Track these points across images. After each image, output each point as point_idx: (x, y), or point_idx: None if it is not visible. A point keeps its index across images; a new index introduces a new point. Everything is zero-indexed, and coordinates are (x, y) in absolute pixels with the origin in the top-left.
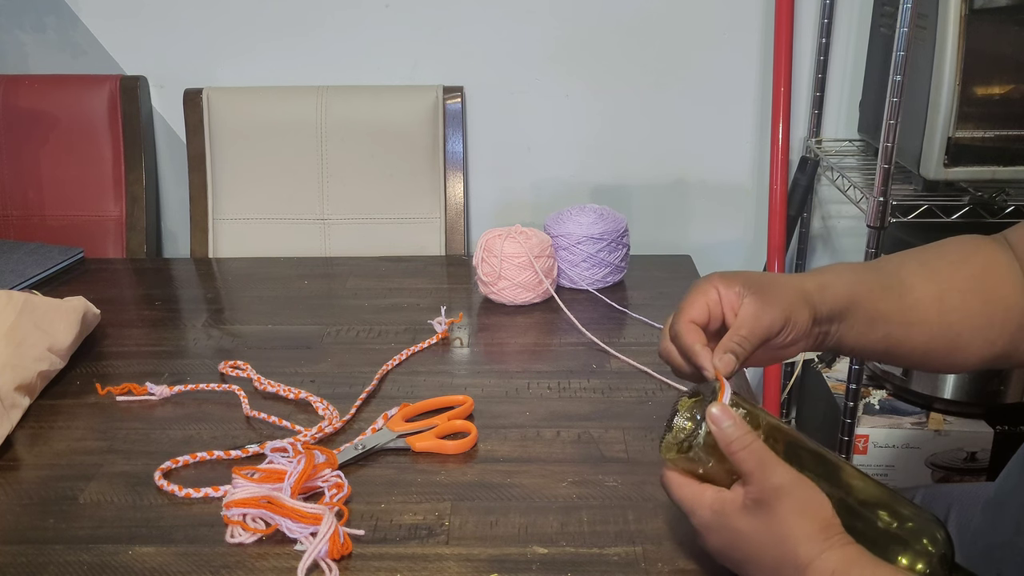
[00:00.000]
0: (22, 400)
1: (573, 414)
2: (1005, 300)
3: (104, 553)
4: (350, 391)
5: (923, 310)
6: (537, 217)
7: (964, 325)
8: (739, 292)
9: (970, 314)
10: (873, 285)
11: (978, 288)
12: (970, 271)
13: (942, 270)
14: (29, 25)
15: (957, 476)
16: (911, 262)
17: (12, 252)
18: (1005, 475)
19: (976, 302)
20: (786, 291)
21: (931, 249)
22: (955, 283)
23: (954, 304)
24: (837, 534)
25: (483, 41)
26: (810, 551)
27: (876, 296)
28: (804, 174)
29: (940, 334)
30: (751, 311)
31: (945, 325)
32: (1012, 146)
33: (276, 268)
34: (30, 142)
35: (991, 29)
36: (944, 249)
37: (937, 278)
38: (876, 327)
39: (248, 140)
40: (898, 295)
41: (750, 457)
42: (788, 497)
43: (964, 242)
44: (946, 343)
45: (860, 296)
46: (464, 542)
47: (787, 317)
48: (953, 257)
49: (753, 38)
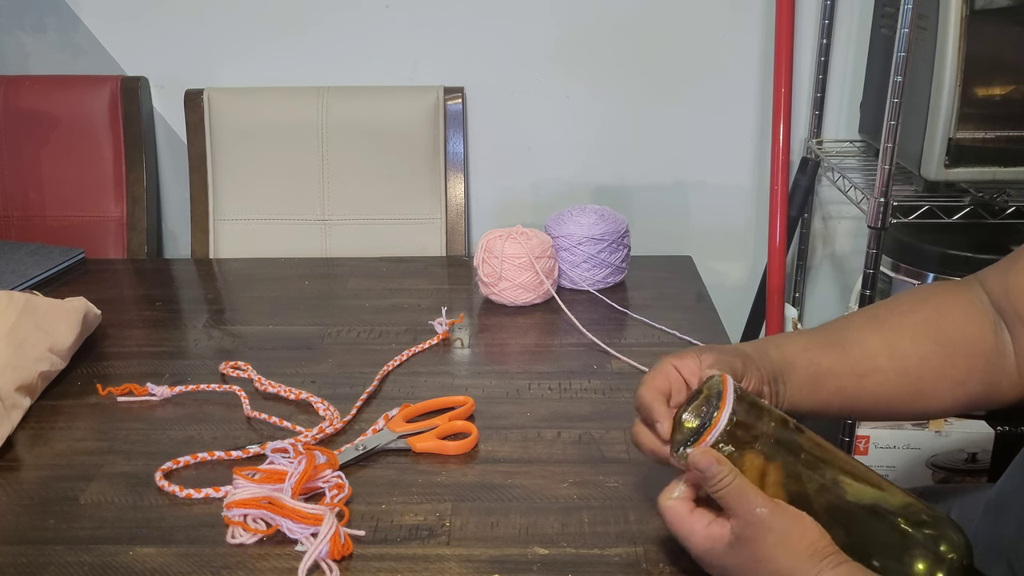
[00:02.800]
0: (23, 400)
1: (574, 415)
2: (966, 340)
3: (105, 554)
4: (351, 392)
5: (872, 359)
6: (538, 218)
7: (924, 370)
8: (695, 356)
9: (926, 358)
10: (809, 344)
11: (932, 331)
12: (922, 316)
13: (889, 319)
14: (30, 26)
15: (958, 477)
16: (858, 318)
17: (13, 253)
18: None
19: (930, 345)
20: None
21: (882, 303)
22: (905, 330)
23: (905, 350)
24: (828, 555)
25: (484, 42)
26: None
27: (814, 353)
28: (805, 175)
29: (898, 381)
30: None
31: (900, 371)
32: (1013, 147)
33: (277, 269)
34: (31, 142)
35: (992, 30)
36: (895, 302)
37: (884, 328)
38: (824, 383)
39: (249, 141)
40: (841, 349)
41: (729, 494)
42: (770, 531)
43: (918, 292)
44: (908, 389)
45: (793, 355)
46: (465, 543)
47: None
48: (903, 308)
49: (754, 39)
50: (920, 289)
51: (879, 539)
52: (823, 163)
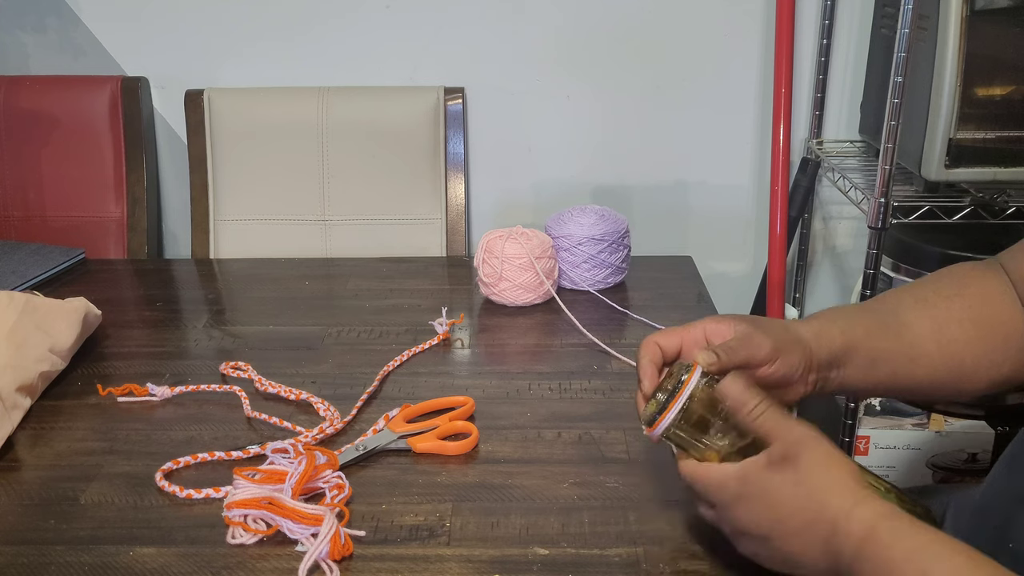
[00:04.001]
0: (23, 401)
1: (574, 415)
2: (1004, 326)
3: (105, 554)
4: (351, 392)
5: (923, 344)
6: (538, 218)
7: (966, 354)
8: (731, 325)
9: (970, 342)
10: (871, 326)
11: (975, 317)
12: (966, 301)
13: (938, 304)
14: (30, 26)
15: (958, 477)
16: (907, 298)
17: (13, 253)
18: (990, 482)
19: (974, 330)
20: (780, 330)
21: (926, 284)
22: (952, 314)
23: (953, 335)
24: (868, 486)
25: (484, 42)
26: (844, 501)
27: (875, 337)
28: (805, 175)
29: (943, 365)
30: (742, 330)
31: (947, 356)
32: (1013, 147)
33: (277, 269)
34: (31, 143)
35: (992, 30)
36: (939, 283)
37: (934, 312)
38: (879, 367)
39: (249, 141)
40: (896, 333)
41: (767, 418)
42: (815, 448)
43: (957, 273)
44: (951, 373)
45: (858, 339)
46: (465, 543)
47: (777, 349)
48: (948, 291)
49: (754, 39)
50: (957, 269)
51: None
52: (823, 163)
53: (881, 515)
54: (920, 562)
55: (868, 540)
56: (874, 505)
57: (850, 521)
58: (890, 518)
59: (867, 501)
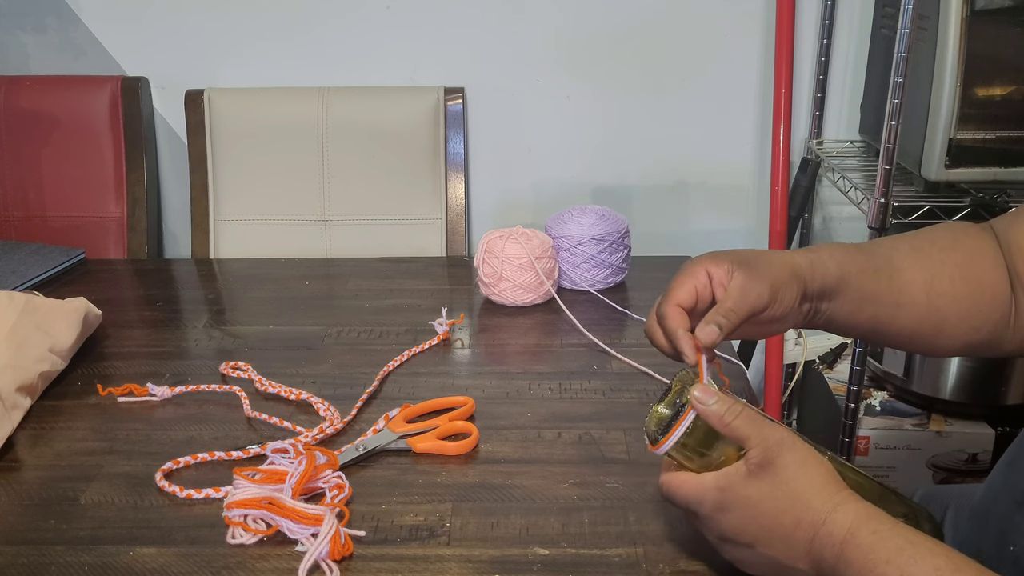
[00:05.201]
0: (23, 401)
1: (574, 415)
2: (992, 288)
3: (105, 554)
4: (351, 392)
5: (912, 293)
6: (538, 218)
7: (951, 310)
8: (728, 269)
9: (957, 299)
10: (865, 265)
11: (966, 275)
12: (959, 257)
13: (933, 255)
14: (30, 26)
15: (958, 478)
16: (903, 245)
17: (13, 253)
18: (988, 484)
19: (964, 288)
20: (775, 266)
21: (922, 234)
22: (945, 268)
23: (943, 288)
24: (846, 487)
25: (484, 42)
26: (825, 504)
27: (867, 276)
28: (805, 175)
29: (927, 317)
30: (738, 284)
31: (933, 309)
32: (1013, 147)
33: (277, 269)
34: (31, 143)
35: (992, 30)
36: (935, 235)
37: (928, 263)
38: (865, 307)
39: (249, 141)
40: (888, 277)
41: (744, 423)
42: (791, 451)
43: (954, 228)
44: (932, 326)
45: (851, 275)
46: (465, 543)
47: (775, 291)
48: (943, 243)
49: (754, 39)
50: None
51: None
52: (823, 163)
53: (861, 517)
54: (900, 563)
55: (848, 543)
56: (854, 507)
57: (830, 524)
58: (870, 520)
59: (846, 503)
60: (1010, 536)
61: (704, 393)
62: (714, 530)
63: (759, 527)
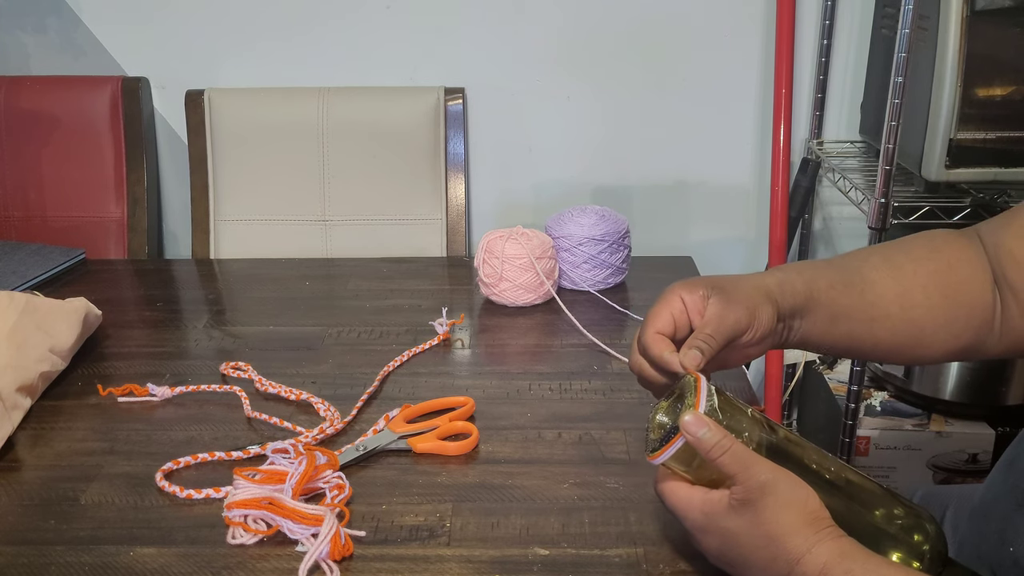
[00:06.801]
0: (23, 401)
1: (574, 415)
2: (969, 296)
3: (105, 554)
4: (351, 392)
5: (885, 306)
6: (538, 218)
7: (927, 321)
8: (703, 295)
9: (932, 310)
10: (834, 281)
11: (941, 284)
12: (934, 267)
13: (905, 266)
14: (31, 26)
15: (959, 478)
16: (874, 257)
17: (14, 253)
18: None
19: (939, 298)
20: (749, 290)
21: (896, 245)
22: (918, 279)
23: (916, 300)
24: (827, 527)
25: (484, 42)
26: (800, 545)
27: (837, 292)
28: (805, 175)
29: (903, 330)
30: (716, 311)
31: (908, 321)
32: (1013, 147)
33: (277, 269)
34: (32, 143)
35: (992, 31)
36: (910, 245)
37: (900, 274)
38: (838, 323)
39: (250, 141)
40: (859, 291)
41: (731, 460)
42: (772, 494)
43: (932, 237)
44: (910, 338)
45: (819, 291)
46: (465, 543)
47: (752, 315)
48: (918, 253)
49: (754, 40)
50: (931, 235)
51: (856, 531)
52: (824, 164)
53: (834, 557)
54: None
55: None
56: (829, 546)
57: (804, 565)
58: (843, 560)
59: (822, 544)
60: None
61: (695, 422)
62: (696, 543)
63: (737, 555)
